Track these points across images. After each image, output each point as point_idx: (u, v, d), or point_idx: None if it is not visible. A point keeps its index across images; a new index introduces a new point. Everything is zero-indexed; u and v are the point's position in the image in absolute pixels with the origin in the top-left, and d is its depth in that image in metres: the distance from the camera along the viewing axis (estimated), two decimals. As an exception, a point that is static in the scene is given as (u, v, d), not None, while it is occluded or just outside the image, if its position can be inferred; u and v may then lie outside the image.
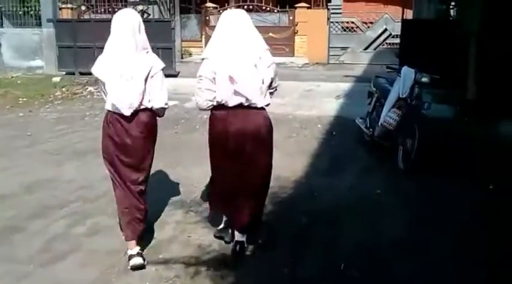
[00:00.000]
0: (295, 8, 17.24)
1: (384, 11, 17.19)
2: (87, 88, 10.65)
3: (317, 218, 4.38)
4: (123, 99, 3.35)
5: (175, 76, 11.86)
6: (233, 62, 3.34)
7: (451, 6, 10.48)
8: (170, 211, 4.51)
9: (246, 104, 3.40)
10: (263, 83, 3.39)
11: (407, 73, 5.78)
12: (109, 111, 3.49)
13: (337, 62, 16.42)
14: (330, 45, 16.45)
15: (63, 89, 10.70)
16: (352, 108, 8.67)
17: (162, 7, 12.06)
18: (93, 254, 3.72)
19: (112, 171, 3.59)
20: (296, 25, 17.06)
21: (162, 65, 3.59)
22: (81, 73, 11.90)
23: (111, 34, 3.52)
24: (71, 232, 4.11)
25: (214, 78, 3.38)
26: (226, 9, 17.44)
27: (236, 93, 3.35)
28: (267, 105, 3.56)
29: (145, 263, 3.50)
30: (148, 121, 3.54)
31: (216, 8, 17.87)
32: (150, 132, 3.60)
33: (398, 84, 5.86)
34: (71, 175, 5.48)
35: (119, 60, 3.40)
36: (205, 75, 3.40)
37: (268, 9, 17.23)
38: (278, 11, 17.41)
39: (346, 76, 12.74)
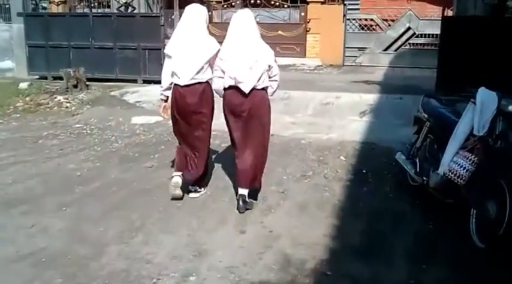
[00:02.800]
0: (308, 2, 15.55)
1: (407, 7, 15.32)
2: (55, 98, 8.79)
3: None
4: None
5: (164, 82, 9.96)
6: (235, 63, 4.18)
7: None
8: None
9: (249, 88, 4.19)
10: (261, 76, 4.18)
11: (486, 99, 3.82)
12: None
13: (354, 63, 14.93)
14: (346, 45, 15.09)
15: (27, 98, 8.83)
16: (383, 130, 6.76)
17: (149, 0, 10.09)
18: None
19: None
20: (308, 22, 15.35)
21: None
22: (55, 78, 10.04)
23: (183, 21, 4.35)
24: None
25: (223, 72, 4.24)
26: (231, 3, 15.70)
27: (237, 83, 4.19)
28: (265, 88, 4.29)
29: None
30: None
31: (220, 2, 16.02)
32: (204, 100, 4.37)
33: (472, 114, 3.89)
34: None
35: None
36: (217, 74, 4.29)
37: (277, 4, 15.62)
38: (288, 6, 15.74)
39: (368, 82, 10.79)
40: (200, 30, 4.32)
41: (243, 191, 4.30)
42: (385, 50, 15.02)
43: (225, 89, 4.29)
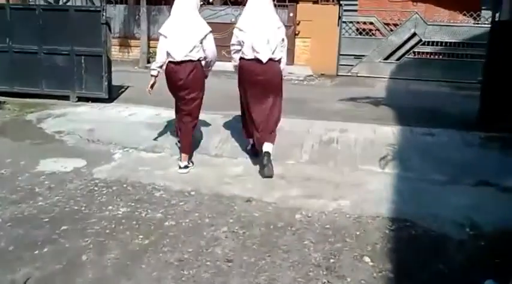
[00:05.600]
0: (298, 2, 13.62)
1: (413, 10, 13.25)
2: None
3: None
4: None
5: (106, 101, 7.42)
6: (254, 35, 4.62)
7: None
8: None
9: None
10: (275, 48, 4.66)
11: None
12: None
13: (349, 73, 13.12)
14: (341, 52, 13.27)
15: None
16: (421, 193, 4.43)
17: (90, -12, 7.52)
18: None
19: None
20: (297, 24, 13.56)
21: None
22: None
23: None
24: None
25: (241, 44, 4.71)
26: (209, 1, 13.59)
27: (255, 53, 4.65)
28: (279, 60, 4.76)
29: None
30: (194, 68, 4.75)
31: (198, -1, 13.61)
32: (194, 77, 4.77)
33: None
34: None
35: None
36: (235, 42, 4.79)
37: None
38: (275, 5, 13.01)
39: (374, 102, 8.46)
40: (193, 13, 4.74)
41: (267, 147, 4.77)
42: (386, 58, 13.16)
43: (242, 59, 4.72)
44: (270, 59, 4.62)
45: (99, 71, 7.23)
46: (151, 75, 4.85)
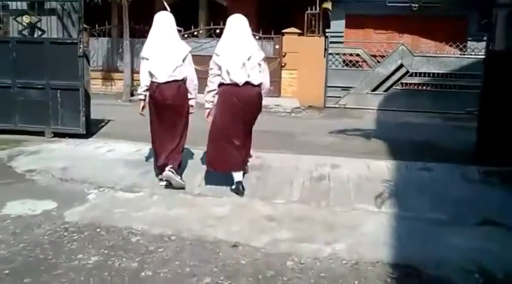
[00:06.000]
0: (283, 34, 13.44)
1: (399, 41, 13.11)
2: None
3: None
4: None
5: (84, 136, 7.04)
6: (230, 59, 4.69)
7: None
8: None
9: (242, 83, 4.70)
10: (251, 72, 4.69)
11: None
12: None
13: (337, 105, 12.88)
14: (328, 84, 13.06)
15: None
16: (421, 234, 4.11)
17: (67, 20, 7.20)
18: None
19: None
20: (284, 56, 13.35)
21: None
22: None
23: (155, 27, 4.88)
24: None
25: (220, 68, 4.73)
26: (194, 33, 13.50)
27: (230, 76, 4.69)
28: (260, 84, 4.79)
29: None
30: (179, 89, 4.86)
31: (180, 31, 13.41)
32: (180, 94, 4.89)
33: None
34: None
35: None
36: (213, 66, 4.79)
37: None
38: (260, 38, 13.32)
39: (367, 134, 8.19)
40: (172, 34, 4.96)
41: (239, 176, 4.88)
42: (374, 90, 12.92)
43: (221, 85, 4.77)
44: (248, 83, 4.66)
45: (76, 106, 6.85)
46: (140, 99, 5.00)
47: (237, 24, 4.80)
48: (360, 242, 3.91)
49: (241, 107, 4.67)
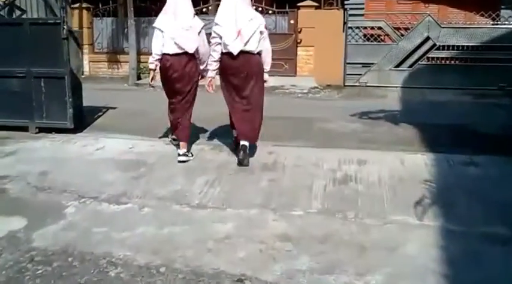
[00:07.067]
0: (299, 8, 12.60)
1: (425, 12, 12.18)
2: None
3: None
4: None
5: (74, 131, 6.22)
6: (225, 28, 4.74)
7: None
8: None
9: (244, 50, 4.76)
10: (249, 40, 4.72)
11: None
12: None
13: (357, 83, 12.09)
14: (347, 61, 12.13)
15: None
16: (478, 258, 3.15)
17: (51, -1, 6.30)
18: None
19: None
20: (299, 32, 12.50)
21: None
22: None
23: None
24: None
25: (220, 38, 4.80)
26: (203, 10, 12.70)
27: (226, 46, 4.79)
28: (259, 53, 4.86)
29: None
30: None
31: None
32: (189, 68, 5.00)
33: None
34: None
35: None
36: (215, 35, 4.85)
37: (260, 9, 12.18)
38: (274, 12, 12.79)
39: (394, 118, 7.28)
40: (188, 9, 4.99)
41: (245, 142, 4.85)
42: (397, 66, 12.12)
43: (222, 54, 4.84)
44: (245, 52, 4.73)
45: (63, 96, 6.00)
46: (150, 69, 5.15)
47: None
48: (401, 272, 3.01)
49: (240, 77, 4.82)
